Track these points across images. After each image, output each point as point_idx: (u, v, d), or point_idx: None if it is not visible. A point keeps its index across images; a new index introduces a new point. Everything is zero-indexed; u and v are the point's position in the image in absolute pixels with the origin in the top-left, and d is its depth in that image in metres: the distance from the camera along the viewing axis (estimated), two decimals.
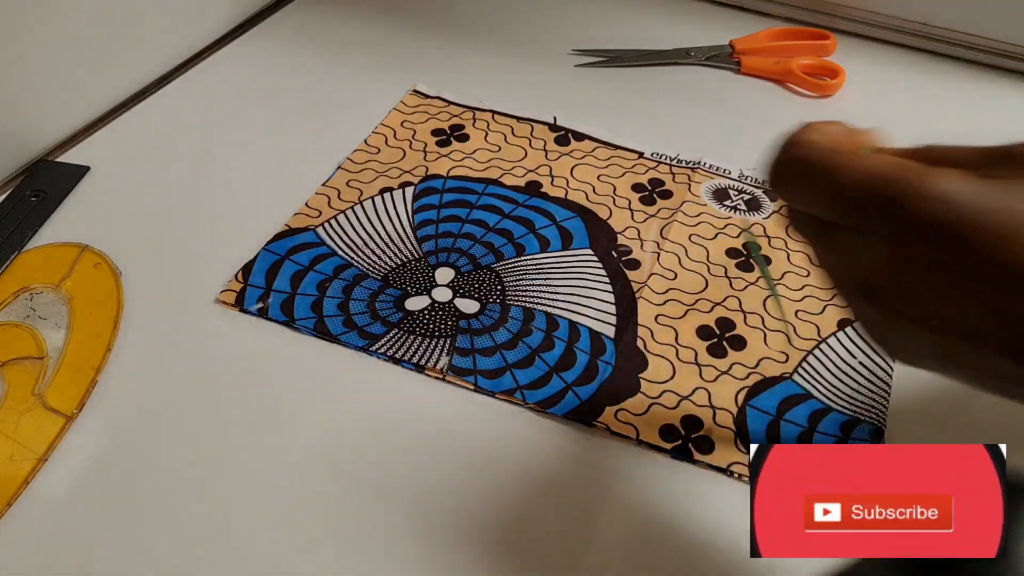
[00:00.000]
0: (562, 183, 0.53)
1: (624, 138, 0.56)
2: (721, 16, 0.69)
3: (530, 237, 0.49)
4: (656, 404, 0.40)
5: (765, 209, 0.51)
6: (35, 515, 0.36)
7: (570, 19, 0.69)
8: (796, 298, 0.46)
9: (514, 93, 0.60)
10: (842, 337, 0.44)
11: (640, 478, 0.38)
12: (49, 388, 0.40)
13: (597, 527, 0.36)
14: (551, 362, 0.42)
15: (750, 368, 0.42)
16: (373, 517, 0.36)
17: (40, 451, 0.38)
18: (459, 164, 0.54)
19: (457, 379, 0.41)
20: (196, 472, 0.38)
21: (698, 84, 0.62)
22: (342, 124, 0.57)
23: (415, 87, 0.60)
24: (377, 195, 0.51)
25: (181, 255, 0.48)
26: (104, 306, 0.44)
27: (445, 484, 0.37)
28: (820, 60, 0.63)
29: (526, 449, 0.39)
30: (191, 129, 0.57)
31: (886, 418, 0.40)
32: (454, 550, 0.35)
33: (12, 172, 0.53)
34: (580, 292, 0.46)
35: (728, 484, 0.38)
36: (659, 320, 0.44)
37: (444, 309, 0.45)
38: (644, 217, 0.50)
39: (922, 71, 0.64)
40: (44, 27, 0.52)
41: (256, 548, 0.35)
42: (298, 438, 0.39)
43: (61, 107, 0.56)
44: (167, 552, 0.35)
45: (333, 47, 0.65)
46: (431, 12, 0.70)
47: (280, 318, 0.44)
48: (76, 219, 0.50)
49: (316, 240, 0.48)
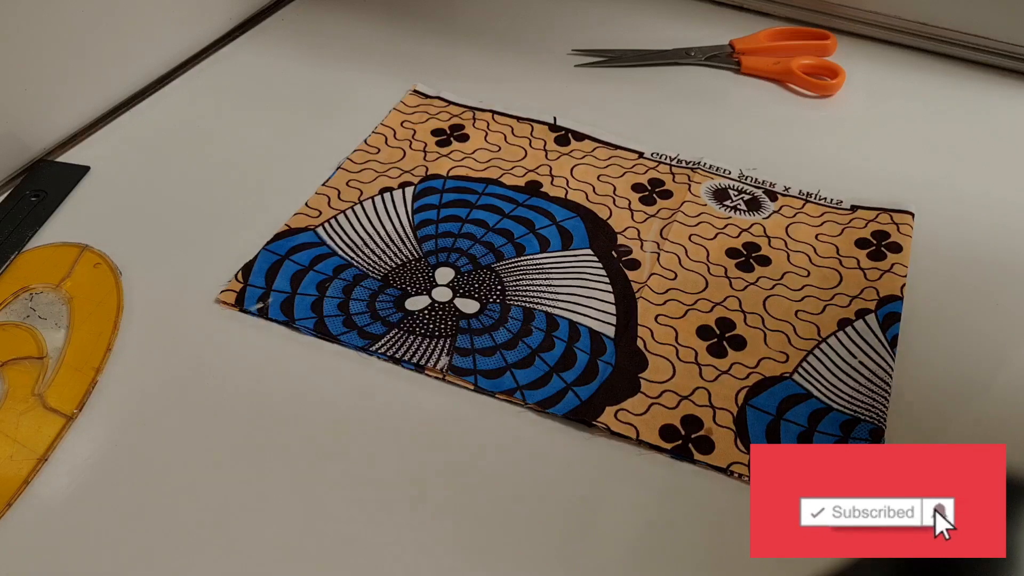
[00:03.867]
0: (562, 183, 0.53)
1: (624, 138, 0.56)
2: (721, 16, 0.69)
3: (530, 237, 0.49)
4: (656, 404, 0.40)
5: (765, 209, 0.51)
6: (35, 515, 0.36)
7: (570, 19, 0.69)
8: (796, 298, 0.46)
9: (514, 93, 0.60)
10: (842, 337, 0.44)
11: (640, 478, 0.38)
12: (49, 388, 0.40)
13: (597, 527, 0.36)
14: (551, 362, 0.42)
15: (750, 368, 0.42)
16: (372, 516, 0.36)
17: (40, 451, 0.38)
18: (459, 164, 0.54)
19: (457, 379, 0.41)
20: (196, 472, 0.38)
21: (698, 84, 0.62)
22: (342, 124, 0.57)
23: (415, 87, 0.60)
24: (377, 195, 0.51)
25: (181, 255, 0.48)
26: (104, 306, 0.44)
27: (445, 484, 0.37)
28: (820, 60, 0.63)
29: (526, 449, 0.39)
30: (191, 129, 0.57)
31: (886, 418, 0.40)
32: (454, 549, 0.35)
33: (12, 172, 0.53)
34: (580, 292, 0.46)
35: (728, 484, 0.38)
36: (659, 320, 0.44)
37: (444, 309, 0.45)
38: (644, 217, 0.50)
39: (922, 71, 0.64)
40: (44, 27, 0.52)
41: (256, 548, 0.35)
42: (297, 438, 0.39)
43: (61, 107, 0.56)
44: (167, 552, 0.35)
45: (333, 47, 0.65)
46: (431, 12, 0.70)
47: (280, 318, 0.44)
48: (76, 219, 0.50)
49: (316, 240, 0.48)
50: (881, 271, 0.47)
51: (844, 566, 0.26)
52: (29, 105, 0.54)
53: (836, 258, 0.48)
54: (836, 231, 0.50)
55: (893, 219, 0.50)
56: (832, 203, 0.51)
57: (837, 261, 0.48)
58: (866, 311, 0.45)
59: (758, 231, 0.50)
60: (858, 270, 0.47)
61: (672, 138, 0.56)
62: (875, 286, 0.46)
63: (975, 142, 0.57)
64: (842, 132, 0.58)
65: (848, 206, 0.51)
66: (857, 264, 0.48)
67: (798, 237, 0.49)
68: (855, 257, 0.48)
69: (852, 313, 0.45)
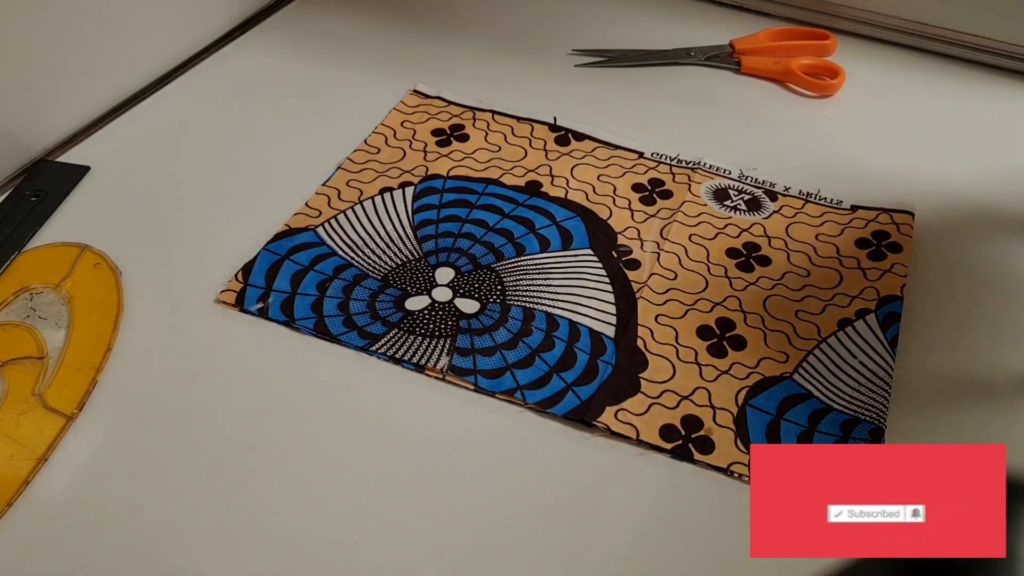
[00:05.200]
0: (562, 183, 0.53)
1: (624, 138, 0.56)
2: (721, 16, 0.69)
3: (530, 237, 0.49)
4: (656, 404, 0.40)
5: (765, 209, 0.51)
6: (35, 515, 0.36)
7: (570, 19, 0.69)
8: (796, 298, 0.46)
9: (514, 93, 0.60)
10: (842, 337, 0.44)
11: (640, 478, 0.38)
12: (49, 388, 0.40)
13: (597, 527, 0.36)
14: (551, 362, 0.42)
15: (750, 368, 0.42)
16: (372, 516, 0.36)
17: (40, 451, 0.38)
18: (459, 164, 0.54)
19: (457, 379, 0.41)
20: (196, 472, 0.38)
21: (698, 84, 0.62)
22: (342, 124, 0.57)
23: (415, 87, 0.60)
24: (377, 195, 0.51)
25: (181, 255, 0.48)
26: (104, 306, 0.44)
27: (445, 483, 0.37)
28: (820, 60, 0.63)
29: (526, 449, 0.39)
30: (191, 129, 0.57)
31: (886, 418, 0.40)
32: (454, 549, 0.35)
33: (12, 172, 0.53)
34: (580, 292, 0.46)
35: (728, 484, 0.38)
36: (659, 320, 0.44)
37: (444, 309, 0.45)
38: (644, 217, 0.50)
39: (922, 71, 0.64)
40: (44, 27, 0.52)
41: (255, 547, 0.35)
42: (298, 438, 0.39)
43: (61, 107, 0.56)
44: (167, 552, 0.35)
45: (333, 47, 0.65)
46: (431, 12, 0.70)
47: (280, 318, 0.44)
48: (76, 219, 0.50)
49: (316, 240, 0.48)
50: (881, 271, 0.47)
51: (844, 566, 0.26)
52: (29, 105, 0.54)
53: (836, 258, 0.48)
54: (836, 231, 0.50)
55: (893, 219, 0.50)
56: (832, 203, 0.51)
57: (837, 261, 0.48)
58: (866, 311, 0.45)
59: (758, 231, 0.50)
60: (858, 270, 0.47)
61: (672, 138, 0.56)
62: (875, 286, 0.46)
63: (975, 142, 0.57)
64: (842, 132, 0.58)
65: (848, 206, 0.51)
66: (857, 264, 0.48)
67: (798, 237, 0.49)
68: (855, 257, 0.48)
69: (852, 313, 0.45)
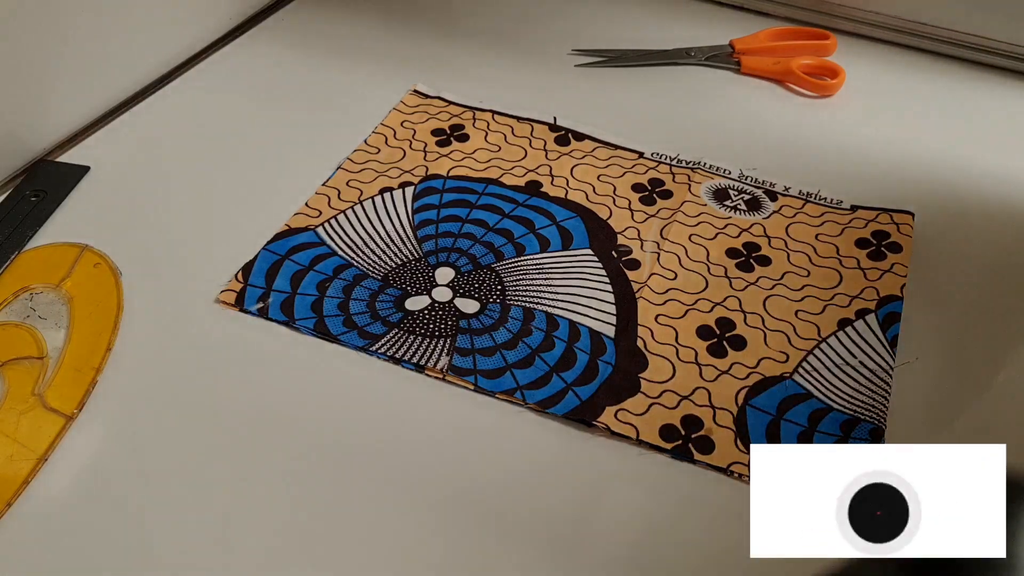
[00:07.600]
0: (562, 183, 0.53)
1: (624, 138, 0.56)
2: (721, 16, 0.69)
3: (530, 237, 0.49)
4: (656, 404, 0.40)
5: (765, 209, 0.51)
6: (35, 515, 0.36)
7: (570, 19, 0.69)
8: (796, 298, 0.46)
9: (514, 93, 0.60)
10: (842, 337, 0.44)
11: (640, 478, 0.38)
12: (49, 388, 0.40)
13: (597, 527, 0.36)
14: (551, 362, 0.42)
15: (750, 368, 0.42)
16: (372, 516, 0.36)
17: (40, 451, 0.38)
18: (459, 164, 0.54)
19: (457, 379, 0.41)
20: (196, 472, 0.38)
21: (698, 84, 0.62)
22: (342, 124, 0.57)
23: (415, 87, 0.60)
24: (377, 195, 0.51)
25: (181, 255, 0.48)
26: (104, 306, 0.44)
27: (445, 483, 0.37)
28: (820, 60, 0.63)
29: (526, 449, 0.39)
30: (191, 129, 0.57)
31: (886, 418, 0.40)
32: (454, 549, 0.35)
33: (12, 172, 0.53)
34: (580, 292, 0.46)
35: (728, 484, 0.38)
36: (659, 320, 0.44)
37: (444, 309, 0.45)
38: (644, 217, 0.50)
39: (922, 71, 0.64)
40: (44, 27, 0.52)
41: (255, 547, 0.35)
42: (298, 438, 0.39)
43: (61, 107, 0.56)
44: (167, 552, 0.35)
45: (333, 47, 0.65)
46: (431, 12, 0.70)
47: (280, 318, 0.44)
48: (76, 219, 0.50)
49: (316, 240, 0.48)
50: (881, 271, 0.47)
51: (844, 566, 0.26)
52: (29, 105, 0.54)
53: (836, 258, 0.48)
54: (836, 231, 0.50)
55: (893, 219, 0.50)
56: (832, 203, 0.51)
57: (837, 261, 0.48)
58: (866, 311, 0.45)
59: (758, 231, 0.50)
60: (858, 270, 0.47)
61: (672, 138, 0.56)
62: (875, 286, 0.46)
63: (975, 142, 0.57)
64: (842, 132, 0.58)
65: (848, 206, 0.51)
66: (857, 264, 0.48)
67: (798, 237, 0.49)
68: (855, 257, 0.48)
69: (852, 313, 0.45)
